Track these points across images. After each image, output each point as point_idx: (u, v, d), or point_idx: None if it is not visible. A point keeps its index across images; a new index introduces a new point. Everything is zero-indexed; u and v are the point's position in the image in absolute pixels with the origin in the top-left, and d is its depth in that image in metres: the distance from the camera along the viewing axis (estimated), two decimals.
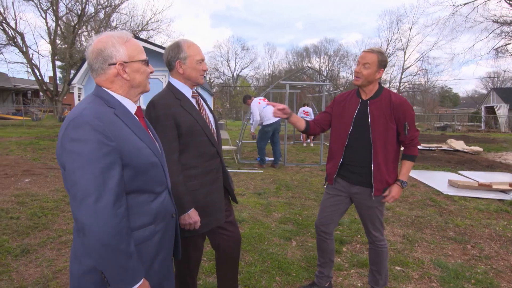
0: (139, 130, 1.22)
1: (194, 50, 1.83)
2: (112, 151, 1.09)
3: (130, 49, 1.22)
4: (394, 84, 43.98)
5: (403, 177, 2.22)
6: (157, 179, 1.26)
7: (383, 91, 2.20)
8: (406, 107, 2.15)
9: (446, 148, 11.25)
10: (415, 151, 2.23)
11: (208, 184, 1.89)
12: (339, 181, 2.36)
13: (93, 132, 1.06)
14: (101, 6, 24.55)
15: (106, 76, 1.21)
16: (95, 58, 1.19)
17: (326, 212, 2.41)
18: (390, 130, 2.15)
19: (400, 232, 3.81)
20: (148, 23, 27.97)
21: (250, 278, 2.72)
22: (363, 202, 2.28)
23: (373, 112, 2.17)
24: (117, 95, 1.23)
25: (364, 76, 2.13)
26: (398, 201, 5.03)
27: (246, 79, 53.21)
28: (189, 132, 1.79)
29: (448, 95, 52.63)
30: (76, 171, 1.04)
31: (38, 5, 23.01)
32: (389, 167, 2.20)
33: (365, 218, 2.34)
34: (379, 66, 2.12)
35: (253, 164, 7.96)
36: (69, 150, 1.06)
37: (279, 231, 3.73)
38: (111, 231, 1.04)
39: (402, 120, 2.15)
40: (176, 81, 1.87)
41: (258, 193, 5.33)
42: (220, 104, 43.07)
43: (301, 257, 3.14)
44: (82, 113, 1.09)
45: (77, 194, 1.04)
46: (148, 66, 1.29)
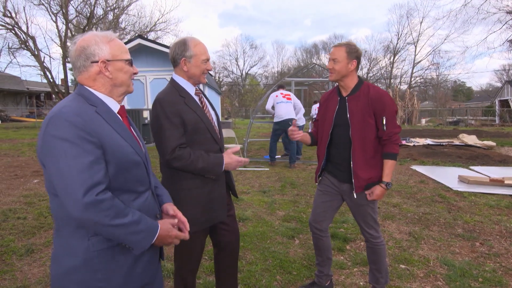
0: (121, 129, 1.22)
1: (200, 49, 1.84)
2: (95, 146, 1.09)
3: (114, 48, 1.22)
4: (405, 78, 43.37)
5: (386, 178, 2.14)
6: (139, 179, 1.26)
7: (362, 86, 2.16)
8: (384, 100, 2.10)
9: (458, 143, 11.01)
10: (394, 148, 2.13)
11: (211, 181, 1.89)
12: (328, 177, 2.35)
13: (73, 129, 1.06)
14: (110, 8, 24.83)
15: (88, 74, 1.20)
16: (77, 56, 1.19)
17: (319, 209, 2.38)
18: (368, 125, 2.11)
19: (406, 229, 3.73)
20: (156, 24, 28.18)
21: (251, 277, 2.69)
22: (353, 200, 2.24)
23: (352, 108, 2.14)
24: (99, 93, 1.22)
25: (336, 71, 2.13)
26: (405, 197, 4.93)
27: (255, 77, 53.18)
28: (193, 130, 1.81)
29: (461, 89, 51.49)
30: (61, 168, 1.05)
31: (49, 9, 23.37)
32: (370, 163, 2.14)
33: (357, 216, 2.30)
34: (349, 57, 2.10)
35: (259, 162, 7.93)
36: (52, 147, 1.06)
37: (282, 229, 3.70)
38: (106, 217, 1.07)
39: (380, 114, 2.10)
40: (180, 78, 1.88)
41: (263, 191, 5.30)
42: (229, 102, 43.12)
43: (303, 255, 3.10)
44: (61, 111, 1.10)
45: (65, 189, 1.05)
46: (132, 67, 1.29)
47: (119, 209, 1.11)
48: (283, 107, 7.19)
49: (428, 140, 12.18)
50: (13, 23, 22.26)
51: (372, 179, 2.15)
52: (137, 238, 1.16)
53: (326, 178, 2.36)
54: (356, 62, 2.12)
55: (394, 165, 2.17)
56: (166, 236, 1.26)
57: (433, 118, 30.42)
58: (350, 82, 2.17)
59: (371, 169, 2.15)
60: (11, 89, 29.25)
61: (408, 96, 25.17)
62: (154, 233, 1.21)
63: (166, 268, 2.80)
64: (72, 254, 1.14)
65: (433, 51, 41.30)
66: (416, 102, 24.58)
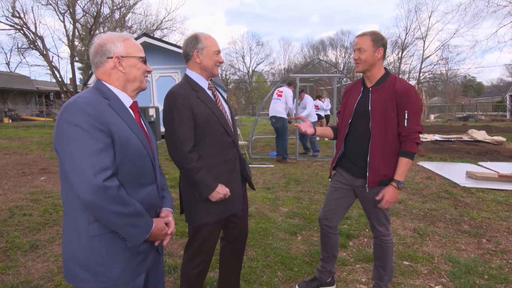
0: (131, 122, 1.29)
1: (211, 42, 1.91)
2: (105, 135, 1.16)
3: (128, 46, 1.32)
4: (413, 74, 42.80)
5: (399, 177, 2.03)
6: (144, 171, 1.31)
7: (388, 77, 2.08)
8: (410, 94, 2.00)
9: (467, 139, 10.82)
10: (413, 147, 2.02)
11: (226, 173, 1.93)
12: (342, 173, 2.28)
13: (86, 117, 1.14)
14: (116, 7, 24.97)
15: (104, 69, 1.30)
16: (95, 52, 1.30)
17: (330, 205, 2.33)
18: (390, 119, 2.02)
19: (411, 225, 3.67)
20: (162, 22, 28.26)
21: (251, 273, 2.68)
22: (369, 197, 2.17)
23: (374, 99, 2.06)
24: (114, 88, 1.31)
25: (362, 61, 2.04)
26: (411, 194, 4.86)
27: (262, 74, 53.05)
28: (205, 123, 1.84)
29: (472, 84, 50.62)
30: (73, 151, 1.12)
31: (56, 9, 23.61)
32: (388, 159, 2.06)
33: (369, 213, 2.24)
34: (376, 45, 2.02)
35: (264, 159, 7.90)
36: (65, 132, 1.13)
37: (285, 225, 3.68)
38: (109, 204, 1.12)
39: (403, 108, 2.00)
40: (193, 73, 1.92)
41: (266, 187, 5.28)
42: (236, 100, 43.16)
43: (305, 252, 3.08)
44: (76, 100, 1.18)
45: (75, 171, 1.11)
46: (146, 65, 1.38)
47: (123, 199, 1.16)
48: (271, 104, 7.57)
49: (436, 136, 12.00)
50: (21, 23, 22.55)
51: (388, 176, 2.07)
52: (133, 231, 1.21)
53: (340, 174, 2.29)
54: (383, 50, 2.04)
55: (410, 164, 2.05)
56: (159, 234, 1.33)
57: (442, 114, 29.96)
58: (376, 72, 2.08)
59: (389, 166, 2.06)
60: (21, 89, 29.67)
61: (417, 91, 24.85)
62: (148, 229, 1.27)
63: (167, 264, 2.80)
64: (76, 237, 1.21)
65: (442, 46, 40.52)
66: (424, 98, 24.24)
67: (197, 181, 1.81)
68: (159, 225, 1.32)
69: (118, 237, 1.23)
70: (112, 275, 1.22)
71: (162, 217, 1.41)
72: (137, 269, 1.29)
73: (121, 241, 1.23)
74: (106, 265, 1.21)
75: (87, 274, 1.20)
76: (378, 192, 2.11)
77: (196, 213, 1.91)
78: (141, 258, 1.31)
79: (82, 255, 1.20)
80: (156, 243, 1.37)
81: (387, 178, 2.07)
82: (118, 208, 1.14)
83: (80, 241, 1.20)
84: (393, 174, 2.06)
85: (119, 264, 1.23)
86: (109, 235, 1.21)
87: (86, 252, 1.20)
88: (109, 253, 1.22)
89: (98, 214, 1.15)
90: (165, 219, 1.40)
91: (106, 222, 1.17)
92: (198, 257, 1.98)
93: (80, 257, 1.20)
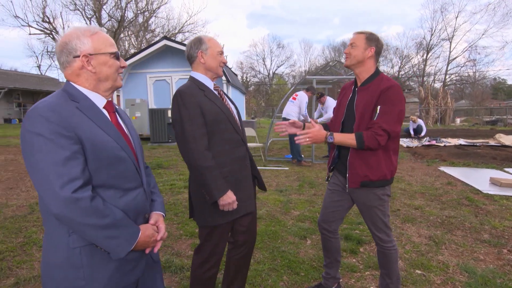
0: (104, 124, 1.19)
1: (214, 43, 1.93)
2: (72, 141, 1.07)
3: (97, 42, 1.19)
4: (439, 76, 41.47)
5: (336, 135, 1.96)
6: (126, 175, 1.22)
7: (376, 78, 2.04)
8: (389, 92, 1.91)
9: (494, 144, 10.35)
10: (370, 137, 1.88)
11: (237, 171, 1.92)
12: (338, 176, 2.24)
13: (48, 124, 1.05)
14: (140, 11, 25.66)
15: (72, 69, 1.19)
16: (60, 51, 1.18)
17: (328, 209, 2.28)
18: (367, 120, 1.98)
19: (426, 233, 3.53)
20: (184, 25, 28.78)
21: (257, 276, 2.65)
22: (359, 200, 2.13)
23: (359, 99, 2.04)
24: (84, 89, 1.21)
25: (351, 56, 2.04)
26: (429, 200, 4.68)
27: (282, 76, 52.93)
28: (214, 120, 1.83)
29: (502, 87, 48.39)
30: (36, 162, 1.04)
31: (83, 14, 24.57)
32: (367, 160, 2.00)
33: (365, 218, 2.17)
34: (368, 44, 2.01)
35: (280, 162, 7.85)
36: (28, 142, 1.06)
37: (295, 229, 3.62)
38: (81, 216, 1.04)
39: (378, 103, 1.93)
40: (198, 74, 1.94)
41: (279, 190, 5.24)
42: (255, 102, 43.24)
43: (313, 256, 3.02)
44: (37, 106, 1.09)
45: (41, 184, 1.04)
46: (119, 60, 1.26)
47: (98, 210, 1.07)
48: (286, 106, 7.65)
49: (460, 140, 11.55)
50: (51, 28, 23.58)
51: (369, 177, 2.01)
52: (114, 243, 1.12)
53: (336, 176, 2.26)
54: (374, 50, 2.02)
55: (350, 142, 1.93)
56: (148, 242, 1.25)
57: (469, 117, 28.81)
58: (364, 71, 2.05)
59: (369, 168, 2.00)
60: (50, 90, 30.95)
61: (441, 94, 23.99)
62: (133, 239, 1.17)
63: (174, 264, 2.82)
64: (55, 249, 1.13)
65: (469, 47, 39.04)
66: (449, 101, 23.38)
67: (208, 182, 1.76)
68: (147, 232, 1.23)
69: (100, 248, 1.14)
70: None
71: (151, 223, 1.31)
72: (123, 280, 1.20)
73: (104, 252, 1.15)
74: (87, 279, 1.12)
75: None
76: (363, 195, 2.06)
77: (209, 214, 1.88)
78: (129, 268, 1.22)
79: (61, 269, 1.11)
80: (147, 251, 1.27)
81: (369, 179, 2.02)
82: (93, 220, 1.06)
83: (58, 254, 1.11)
84: (376, 176, 2.01)
85: (103, 277, 1.15)
86: (91, 247, 1.13)
87: (66, 266, 1.11)
88: (91, 266, 1.13)
89: (72, 227, 1.08)
90: (153, 225, 1.30)
91: (82, 235, 1.09)
92: (210, 260, 1.97)
93: (59, 271, 1.12)
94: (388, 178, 2.06)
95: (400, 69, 44.73)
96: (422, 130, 12.71)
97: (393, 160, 2.07)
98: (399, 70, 44.63)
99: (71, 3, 24.39)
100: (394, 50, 45.31)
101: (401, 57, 44.77)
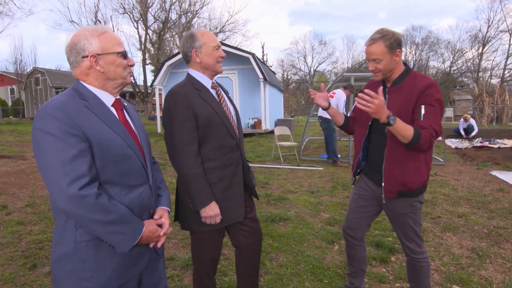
0: (112, 122, 1.22)
1: (209, 37, 1.79)
2: (79, 140, 1.11)
3: (104, 42, 1.22)
4: (497, 72, 38.12)
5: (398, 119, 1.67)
6: (132, 172, 1.25)
7: (407, 76, 1.85)
8: (433, 90, 1.74)
9: None
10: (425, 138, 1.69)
11: (227, 178, 1.82)
12: (365, 180, 2.08)
13: (57, 123, 1.09)
14: (183, 12, 26.49)
15: (81, 69, 1.22)
16: (69, 51, 1.22)
17: (353, 214, 2.13)
18: (409, 122, 1.77)
19: (469, 244, 3.22)
20: (225, 25, 29.22)
21: (277, 280, 2.58)
22: (390, 207, 1.96)
23: (390, 101, 1.85)
24: (93, 87, 1.24)
25: (381, 70, 1.83)
26: (475, 207, 4.28)
27: (324, 74, 51.85)
28: (207, 124, 1.74)
29: None
30: (46, 160, 1.09)
31: (131, 17, 25.89)
32: (405, 165, 1.82)
33: (394, 226, 2.00)
34: (392, 50, 1.78)
35: (314, 161, 7.66)
36: (38, 141, 1.11)
37: (323, 233, 3.49)
38: (87, 212, 1.09)
39: (420, 104, 1.75)
40: (195, 72, 1.83)
41: (311, 191, 5.09)
42: (295, 100, 42.81)
43: (340, 263, 2.87)
44: (47, 105, 1.13)
45: (50, 181, 1.09)
46: (126, 59, 1.28)
47: (103, 206, 1.11)
48: None
49: None
50: None
51: (407, 186, 1.83)
52: (118, 238, 1.17)
53: (363, 180, 2.11)
54: (400, 52, 1.82)
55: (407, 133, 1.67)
56: (151, 237, 1.29)
57: None
58: (396, 73, 1.88)
59: (408, 174, 1.83)
60: None
61: (498, 91, 21.97)
62: (137, 234, 1.22)
63: (184, 259, 2.83)
64: (64, 243, 1.18)
65: None
66: (507, 98, 21.33)
67: (192, 191, 1.70)
68: (150, 228, 1.27)
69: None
70: (99, 281, 1.18)
71: (156, 218, 1.35)
72: (127, 273, 1.25)
73: (109, 246, 1.20)
74: (93, 270, 1.17)
75: (74, 280, 1.17)
76: (399, 204, 1.88)
77: (192, 221, 1.82)
78: (133, 261, 1.27)
79: (69, 261, 1.17)
80: (151, 245, 1.32)
81: (407, 188, 1.83)
82: (99, 216, 1.10)
83: (67, 247, 1.17)
84: (415, 184, 1.82)
85: (108, 269, 1.20)
86: (96, 241, 1.18)
87: (73, 258, 1.16)
88: (97, 258, 1.18)
89: (79, 222, 1.13)
90: (158, 220, 1.35)
91: (88, 230, 1.15)
92: (203, 265, 1.95)
93: (67, 263, 1.17)
94: (426, 185, 1.89)
95: (452, 64, 41.80)
96: (474, 130, 11.73)
97: (430, 164, 1.90)
98: (451, 65, 41.71)
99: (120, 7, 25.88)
100: (446, 44, 42.46)
101: (453, 51, 41.81)
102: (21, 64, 25.48)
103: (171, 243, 3.30)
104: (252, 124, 13.15)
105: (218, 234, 1.92)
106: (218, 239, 1.94)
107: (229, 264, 2.84)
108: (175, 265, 2.81)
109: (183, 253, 3.03)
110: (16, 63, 25.34)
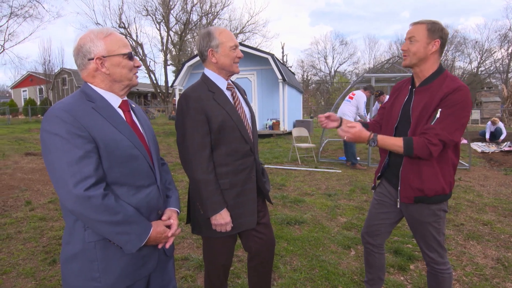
0: (119, 123, 1.23)
1: (226, 36, 1.72)
2: (85, 141, 1.12)
3: (110, 44, 1.23)
4: None
5: (380, 137, 1.76)
6: (139, 173, 1.26)
7: (439, 76, 1.73)
8: (458, 94, 1.62)
9: None
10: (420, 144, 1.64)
11: (239, 184, 1.77)
12: (386, 185, 2.00)
13: (63, 124, 1.11)
14: (204, 14, 26.80)
15: (87, 71, 1.24)
16: (76, 54, 1.24)
17: (373, 221, 2.06)
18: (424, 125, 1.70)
19: (494, 254, 3.06)
20: (246, 26, 29.33)
21: (291, 285, 2.54)
22: (411, 215, 1.87)
23: (417, 102, 1.75)
24: (100, 89, 1.26)
25: (411, 53, 1.73)
26: (502, 215, 4.07)
27: (345, 74, 51.11)
28: (220, 128, 1.69)
29: None
30: (53, 161, 1.11)
31: (154, 19, 26.43)
32: (423, 171, 1.73)
33: (416, 235, 1.91)
34: (431, 36, 1.68)
35: (333, 164, 7.54)
36: (45, 142, 1.13)
37: (340, 237, 3.41)
38: (94, 213, 1.10)
39: (439, 107, 1.64)
40: (211, 72, 1.78)
41: (328, 194, 5.00)
42: (314, 101, 42.42)
43: (356, 269, 2.80)
44: (54, 107, 1.16)
45: (57, 182, 1.11)
46: (132, 60, 1.29)
47: (109, 207, 1.12)
48: (341, 105, 7.29)
49: None
50: (126, 33, 25.77)
51: (424, 192, 1.75)
52: (125, 239, 1.17)
53: (383, 186, 2.02)
54: (439, 43, 1.70)
55: (396, 147, 1.72)
56: (159, 238, 1.29)
57: None
58: (426, 69, 1.75)
59: (425, 180, 1.74)
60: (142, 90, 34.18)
61: None
62: (145, 235, 1.22)
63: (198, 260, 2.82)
64: (73, 243, 1.20)
65: None
66: None
67: (203, 197, 1.68)
68: (158, 229, 1.27)
69: None
70: (107, 281, 1.18)
71: (164, 219, 1.35)
72: (135, 274, 1.25)
73: (117, 247, 1.20)
74: (102, 271, 1.18)
75: (82, 280, 1.18)
76: (415, 209, 1.80)
77: (203, 226, 1.80)
78: (141, 262, 1.27)
79: (78, 261, 1.18)
80: (159, 246, 1.32)
81: (423, 194, 1.75)
82: (105, 217, 1.11)
83: (76, 247, 1.18)
84: (433, 191, 1.74)
85: (116, 270, 1.20)
86: (105, 241, 1.18)
87: (82, 258, 1.17)
88: (105, 259, 1.18)
89: (86, 223, 1.14)
90: (166, 221, 1.34)
91: (95, 230, 1.15)
92: (214, 271, 1.93)
93: (76, 263, 1.18)
94: (447, 193, 1.79)
95: (480, 64, 40.21)
96: (502, 133, 11.22)
97: (452, 171, 1.80)
98: (478, 66, 40.13)
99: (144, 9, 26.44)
100: (473, 44, 40.90)
101: (481, 51, 40.22)
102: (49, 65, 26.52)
103: (185, 243, 3.32)
104: (271, 125, 13.11)
105: (230, 240, 1.89)
106: (230, 245, 1.90)
107: (243, 266, 2.82)
108: (189, 266, 2.82)
109: (197, 254, 3.04)
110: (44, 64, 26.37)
